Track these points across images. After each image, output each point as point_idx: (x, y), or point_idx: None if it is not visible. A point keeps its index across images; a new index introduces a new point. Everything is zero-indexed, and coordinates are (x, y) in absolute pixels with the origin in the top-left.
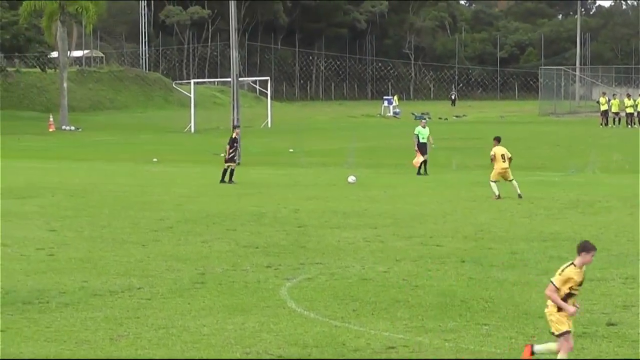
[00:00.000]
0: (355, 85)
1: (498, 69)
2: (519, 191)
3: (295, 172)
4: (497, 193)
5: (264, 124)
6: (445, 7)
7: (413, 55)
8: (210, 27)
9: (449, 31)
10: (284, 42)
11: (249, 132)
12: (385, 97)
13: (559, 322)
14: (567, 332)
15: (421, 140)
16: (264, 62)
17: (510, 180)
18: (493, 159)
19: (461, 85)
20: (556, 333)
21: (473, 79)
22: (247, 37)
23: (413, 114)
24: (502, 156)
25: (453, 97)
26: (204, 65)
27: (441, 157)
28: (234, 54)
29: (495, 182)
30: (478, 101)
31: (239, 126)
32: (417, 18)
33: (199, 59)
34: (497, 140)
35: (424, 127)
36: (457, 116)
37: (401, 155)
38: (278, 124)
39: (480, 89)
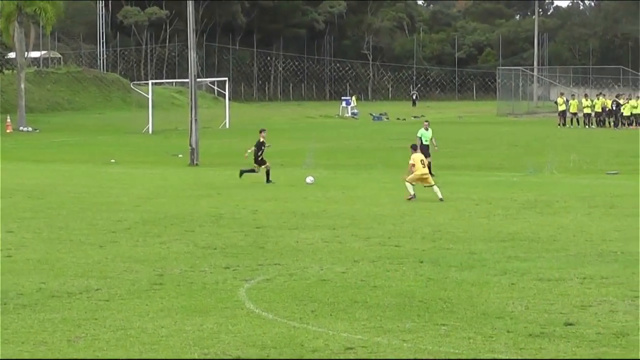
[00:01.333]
0: (314, 86)
1: (456, 69)
2: (440, 196)
3: (254, 173)
4: (412, 193)
5: (222, 125)
6: (403, 8)
7: (371, 56)
8: (168, 27)
9: (407, 32)
10: (242, 43)
11: (207, 132)
12: (343, 98)
13: None
14: None
15: (424, 143)
16: (222, 63)
17: (431, 186)
18: (413, 167)
19: (419, 85)
20: None
21: (431, 80)
22: (205, 38)
23: (371, 114)
24: (422, 161)
25: (414, 97)
26: (162, 66)
27: (399, 158)
28: (192, 54)
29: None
30: (436, 102)
31: (265, 129)
32: (376, 19)
33: (157, 59)
34: (414, 148)
35: (426, 130)
36: (415, 117)
37: (360, 155)
38: (236, 124)
39: (439, 89)
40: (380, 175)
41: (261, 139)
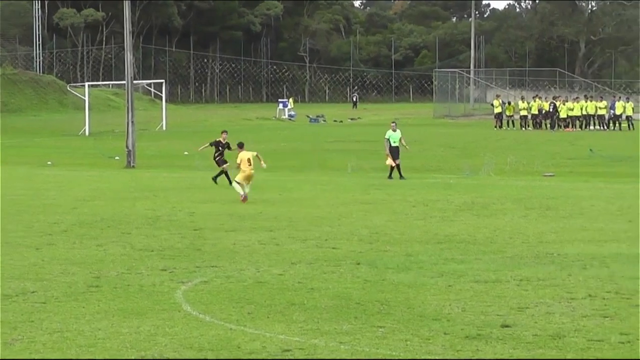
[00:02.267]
0: (250, 88)
1: (393, 71)
2: (245, 191)
3: (191, 175)
4: (241, 193)
5: (158, 127)
6: (339, 10)
7: (308, 58)
8: (104, 29)
9: (343, 34)
10: (178, 45)
11: (144, 135)
12: (280, 100)
13: None
14: None
15: (392, 144)
16: (159, 65)
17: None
18: (239, 165)
19: (356, 87)
20: None
21: (368, 82)
22: (141, 40)
23: (308, 116)
24: (248, 160)
25: (354, 100)
26: (98, 68)
27: (336, 160)
28: (129, 56)
29: (239, 183)
30: (373, 104)
31: (226, 131)
32: (312, 21)
33: (94, 61)
34: (240, 146)
35: (394, 131)
36: (352, 119)
37: (297, 158)
38: (173, 126)
39: (376, 91)
40: (317, 177)
41: (221, 139)
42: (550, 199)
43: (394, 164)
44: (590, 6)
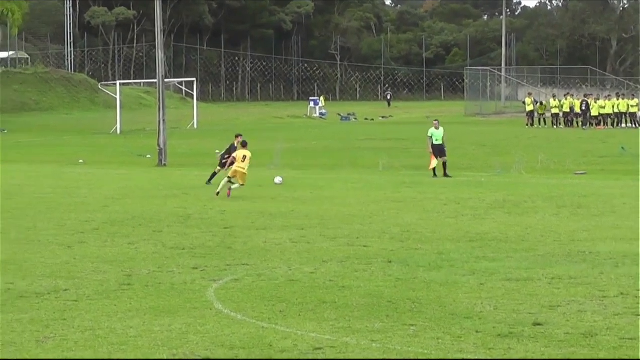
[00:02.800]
0: (282, 86)
1: (424, 69)
2: (235, 186)
3: (222, 173)
4: (226, 189)
5: (190, 125)
6: (370, 8)
7: (339, 56)
8: (136, 28)
9: (374, 32)
10: (210, 43)
11: (175, 133)
12: (311, 98)
13: None
14: None
15: (435, 142)
16: (190, 63)
17: (241, 185)
18: (234, 159)
19: (387, 86)
20: None
21: (399, 80)
22: (173, 38)
23: (339, 114)
24: (243, 157)
25: (388, 97)
26: (129, 67)
27: (368, 158)
28: (160, 55)
29: (229, 178)
30: (404, 102)
31: (241, 134)
32: (343, 19)
33: (125, 60)
34: (244, 144)
35: (437, 129)
36: (383, 117)
37: (328, 156)
38: (204, 125)
39: (407, 89)
40: (348, 175)
41: (235, 144)
42: (581, 197)
43: (435, 162)
44: (622, 4)
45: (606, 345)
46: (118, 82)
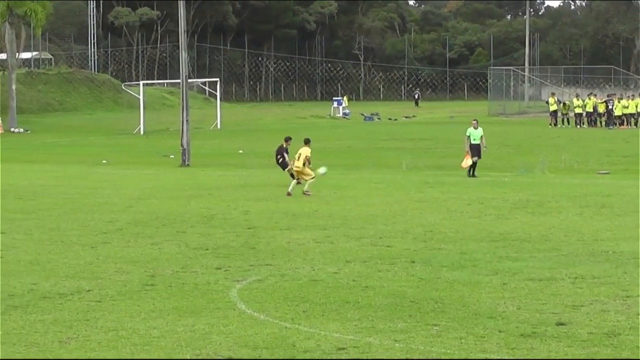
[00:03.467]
0: (305, 87)
1: (447, 69)
2: (305, 188)
3: (245, 173)
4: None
5: (213, 126)
6: (394, 8)
7: (362, 56)
8: (159, 28)
9: (398, 32)
10: (233, 44)
11: (199, 133)
12: (334, 98)
13: None
14: None
15: (473, 142)
16: (213, 64)
17: (306, 181)
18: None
19: (411, 86)
20: None
21: (422, 80)
22: (196, 39)
23: (363, 114)
24: (298, 156)
25: (416, 97)
26: (153, 67)
27: (391, 158)
28: (183, 55)
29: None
30: (428, 102)
31: (290, 138)
32: (366, 19)
33: (148, 60)
34: (306, 142)
35: (475, 128)
36: (406, 117)
37: (351, 156)
38: (227, 125)
39: (430, 89)
40: (371, 175)
41: (284, 145)
42: (605, 197)
43: (469, 164)
44: None
45: (629, 344)
46: (141, 83)
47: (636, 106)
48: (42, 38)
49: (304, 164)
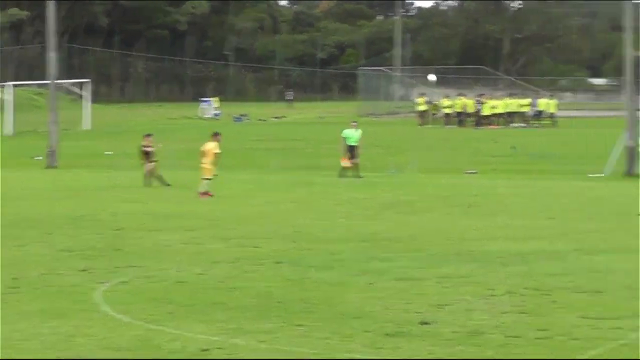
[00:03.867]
0: (175, 87)
1: (318, 69)
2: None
3: (114, 174)
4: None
5: (82, 126)
6: (265, 9)
7: (234, 57)
8: (28, 28)
9: (269, 32)
10: (104, 44)
11: (68, 134)
12: (202, 99)
13: None
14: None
15: (350, 143)
16: (84, 64)
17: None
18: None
19: (282, 86)
20: None
21: (293, 80)
22: (66, 39)
23: (233, 115)
24: (204, 153)
25: (289, 98)
26: (22, 68)
27: (260, 158)
28: (52, 56)
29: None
30: (298, 102)
31: (150, 134)
32: (238, 19)
33: (18, 61)
34: (213, 135)
35: (355, 130)
36: (276, 117)
37: (221, 156)
38: (98, 126)
39: (301, 89)
40: (240, 176)
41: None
42: (472, 197)
43: (349, 165)
44: (515, 4)
45: (492, 343)
46: (9, 84)
47: (504, 106)
48: None
49: (213, 159)
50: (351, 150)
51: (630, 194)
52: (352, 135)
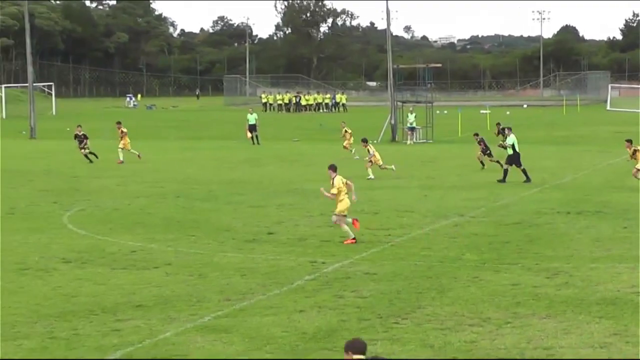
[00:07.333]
0: (108, 88)
1: (198, 77)
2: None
3: (71, 143)
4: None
5: (51, 113)
6: (164, 38)
7: (144, 69)
8: (13, 50)
9: (166, 53)
10: (62, 60)
11: (41, 117)
12: (128, 95)
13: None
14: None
15: (250, 123)
16: (50, 73)
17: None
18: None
19: (176, 87)
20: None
21: (183, 83)
22: (38, 57)
23: (146, 105)
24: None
25: (197, 93)
26: (10, 75)
27: (163, 132)
28: (30, 69)
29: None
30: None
31: (80, 125)
32: (147, 45)
33: (6, 71)
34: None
35: (251, 114)
36: (173, 106)
37: (141, 133)
38: (60, 112)
39: (186, 89)
40: (150, 143)
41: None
42: (296, 155)
43: (250, 136)
44: (319, 35)
45: (313, 245)
46: (1, 86)
47: (314, 99)
48: None
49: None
50: (251, 128)
51: (394, 152)
52: (250, 117)
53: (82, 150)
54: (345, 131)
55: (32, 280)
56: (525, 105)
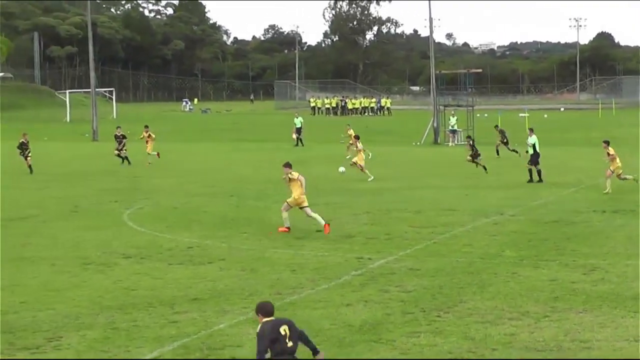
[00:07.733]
0: (166, 93)
1: (250, 82)
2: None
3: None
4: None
5: (112, 116)
6: (218, 46)
7: (200, 74)
8: (77, 58)
9: (220, 59)
10: (122, 67)
11: (103, 121)
12: (184, 99)
13: None
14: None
15: (297, 126)
16: (111, 79)
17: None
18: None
19: (229, 91)
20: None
21: (236, 88)
22: (100, 64)
23: (201, 109)
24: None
25: (252, 98)
26: (74, 81)
27: (217, 135)
28: (92, 74)
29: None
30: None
31: (119, 126)
32: (201, 52)
33: (71, 77)
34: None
35: (296, 118)
36: (227, 110)
37: (196, 135)
38: (120, 116)
39: (239, 93)
40: (205, 145)
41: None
42: (342, 157)
43: (295, 137)
44: (365, 42)
45: (358, 242)
46: (65, 92)
47: (360, 103)
48: (7, 63)
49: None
50: (297, 131)
51: (436, 154)
52: (297, 121)
53: (121, 152)
54: (351, 136)
55: (94, 275)
56: (562, 109)
